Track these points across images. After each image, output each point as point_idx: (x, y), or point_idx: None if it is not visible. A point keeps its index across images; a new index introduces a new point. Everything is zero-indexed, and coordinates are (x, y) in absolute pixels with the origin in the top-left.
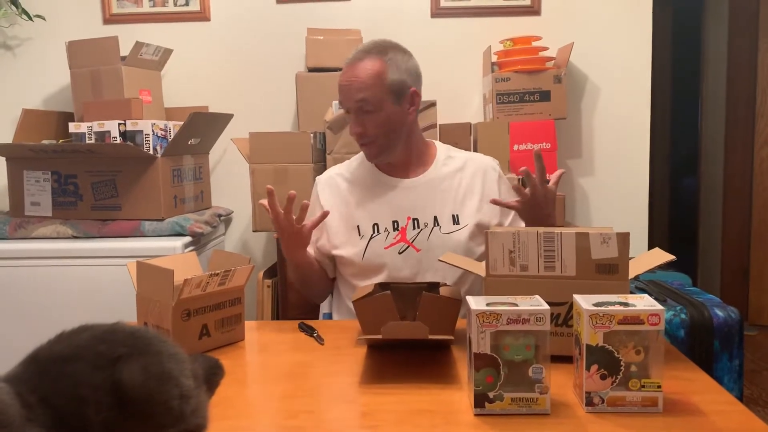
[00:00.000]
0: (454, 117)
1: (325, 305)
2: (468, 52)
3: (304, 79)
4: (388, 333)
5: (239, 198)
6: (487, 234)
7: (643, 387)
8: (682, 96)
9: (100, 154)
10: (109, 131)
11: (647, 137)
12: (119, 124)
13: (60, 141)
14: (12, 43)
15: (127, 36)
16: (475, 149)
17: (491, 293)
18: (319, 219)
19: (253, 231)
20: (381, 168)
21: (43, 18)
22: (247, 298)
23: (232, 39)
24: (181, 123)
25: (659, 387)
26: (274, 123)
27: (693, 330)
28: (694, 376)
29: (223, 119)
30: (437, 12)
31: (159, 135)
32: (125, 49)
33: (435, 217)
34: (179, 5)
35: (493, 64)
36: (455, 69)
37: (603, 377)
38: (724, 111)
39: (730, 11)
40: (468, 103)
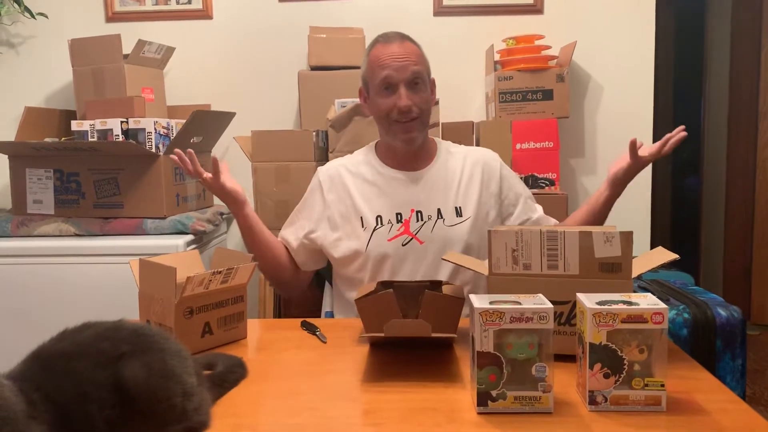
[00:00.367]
0: (456, 116)
1: (327, 304)
2: (470, 50)
3: (306, 78)
4: (390, 331)
5: None
6: (490, 233)
7: (647, 386)
8: (684, 95)
9: (102, 152)
10: (112, 129)
11: (650, 136)
12: (121, 122)
13: (62, 139)
14: (15, 41)
15: (130, 34)
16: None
17: (494, 292)
18: (215, 163)
19: None
20: (384, 161)
21: (46, 16)
22: (250, 296)
23: (234, 37)
24: (184, 121)
25: (662, 386)
26: (276, 121)
27: (696, 329)
28: (697, 375)
29: (226, 117)
30: (440, 10)
31: (161, 133)
32: (128, 47)
33: (438, 210)
34: (182, 3)
35: (496, 62)
36: (458, 67)
37: (606, 376)
38: (726, 110)
39: (733, 10)
40: (470, 102)
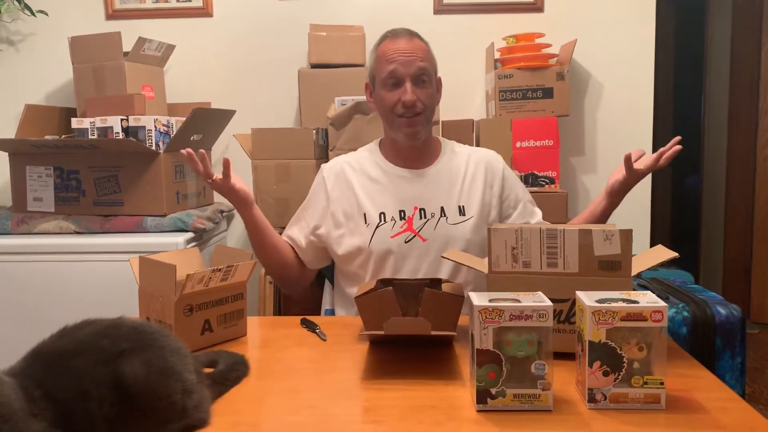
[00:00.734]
0: (456, 114)
1: (327, 301)
2: (471, 48)
3: (306, 75)
4: (390, 329)
5: None
6: (490, 230)
7: (646, 384)
8: (684, 93)
9: (102, 149)
10: (112, 127)
11: (650, 135)
12: (122, 119)
13: (62, 136)
14: (15, 39)
15: (130, 32)
16: (478, 146)
17: (494, 289)
18: (226, 165)
19: None
20: (389, 158)
21: (46, 13)
22: (249, 294)
23: (234, 35)
24: (184, 119)
25: (662, 384)
26: (276, 119)
27: (695, 327)
28: (696, 373)
29: (226, 115)
30: (440, 8)
31: (161, 131)
32: (128, 45)
33: (442, 208)
34: (182, 1)
35: (496, 60)
36: (458, 65)
37: (605, 374)
38: (726, 109)
39: (733, 9)
40: (471, 100)
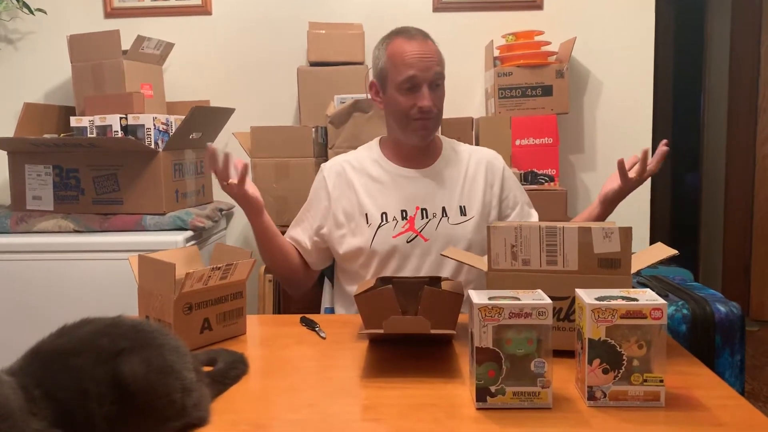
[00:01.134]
0: (456, 112)
1: (327, 300)
2: (470, 46)
3: (305, 74)
4: (389, 327)
5: None
6: (489, 228)
7: (646, 381)
8: (684, 91)
9: (101, 148)
10: (111, 125)
11: (649, 132)
12: (121, 118)
13: (61, 135)
14: (13, 37)
15: (129, 30)
16: (477, 144)
17: (493, 287)
18: (243, 171)
19: None
20: (390, 158)
21: (45, 12)
22: (249, 292)
23: (233, 33)
24: (183, 117)
25: (661, 381)
26: (275, 117)
27: (695, 325)
28: (696, 370)
29: (225, 113)
30: (439, 6)
31: (160, 129)
32: (126, 43)
33: (443, 208)
34: None
35: (496, 58)
36: (457, 63)
37: (605, 371)
38: (726, 106)
39: (733, 6)
40: (470, 98)
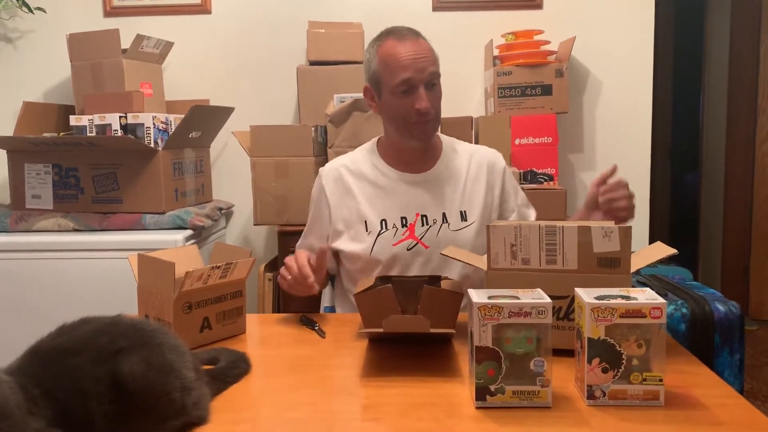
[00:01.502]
0: (455, 111)
1: (327, 298)
2: (469, 45)
3: (305, 73)
4: (389, 326)
5: (240, 191)
6: (489, 227)
7: (645, 380)
8: (683, 91)
9: (101, 147)
10: (110, 124)
11: (649, 131)
12: (120, 117)
13: (61, 134)
14: (12, 36)
15: (128, 29)
16: (477, 143)
17: (493, 287)
18: (319, 258)
19: (254, 224)
20: (388, 161)
21: (44, 10)
22: (248, 291)
23: (233, 32)
24: (182, 116)
25: (661, 380)
26: (275, 116)
27: (694, 324)
28: (695, 369)
29: (224, 112)
30: (439, 5)
31: (160, 128)
32: (126, 42)
33: (444, 214)
34: None
35: (495, 57)
36: (457, 63)
37: (604, 371)
38: (725, 106)
39: (732, 5)
40: (470, 97)
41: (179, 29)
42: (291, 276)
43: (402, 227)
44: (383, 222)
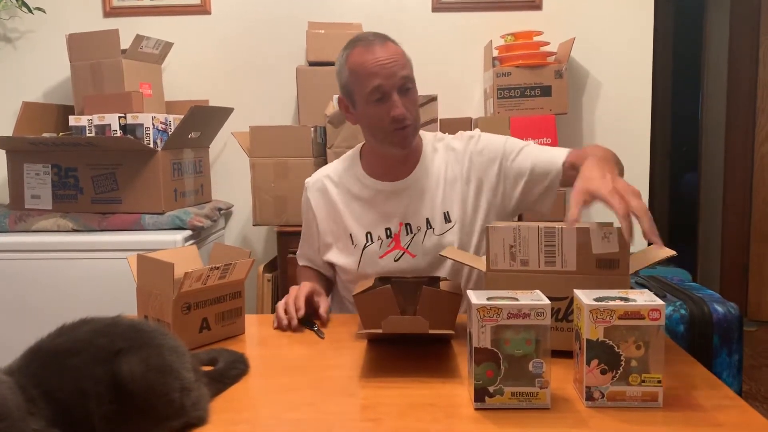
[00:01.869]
0: (454, 112)
1: None
2: (469, 46)
3: (304, 73)
4: (388, 327)
5: (239, 192)
6: (488, 228)
7: (644, 382)
8: (682, 92)
9: (100, 147)
10: (110, 124)
11: (648, 132)
12: (119, 117)
13: (60, 134)
14: (12, 36)
15: (128, 29)
16: None
17: (492, 288)
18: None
19: (254, 225)
20: (368, 170)
21: (44, 11)
22: (248, 292)
23: (232, 33)
24: (182, 116)
25: (659, 382)
26: (274, 117)
27: (692, 325)
28: (693, 371)
29: (224, 113)
30: (438, 6)
31: (159, 128)
32: (126, 43)
33: (427, 220)
34: None
35: (494, 58)
36: (456, 63)
37: (603, 372)
38: (724, 107)
39: (732, 6)
40: (469, 98)
41: (179, 29)
42: (285, 321)
43: (387, 238)
44: (368, 235)
